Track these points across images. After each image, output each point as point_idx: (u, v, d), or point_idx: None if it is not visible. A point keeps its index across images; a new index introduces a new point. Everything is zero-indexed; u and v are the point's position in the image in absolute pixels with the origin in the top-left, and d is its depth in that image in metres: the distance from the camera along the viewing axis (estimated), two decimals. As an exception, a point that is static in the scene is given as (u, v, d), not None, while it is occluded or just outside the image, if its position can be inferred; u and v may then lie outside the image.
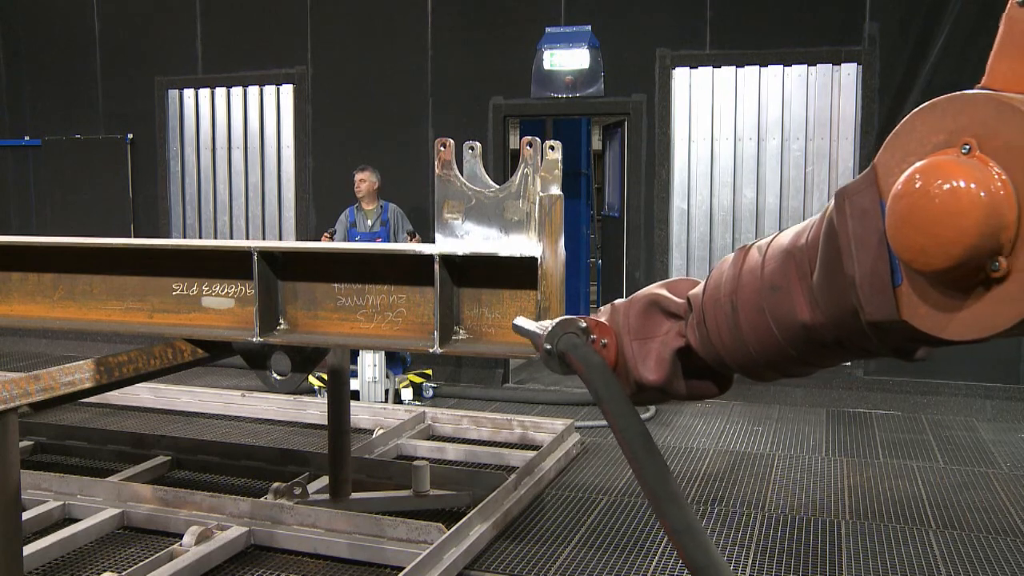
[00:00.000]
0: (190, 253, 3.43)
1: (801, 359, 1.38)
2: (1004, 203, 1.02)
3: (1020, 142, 1.02)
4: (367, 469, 4.81)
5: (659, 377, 1.49)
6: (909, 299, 1.16)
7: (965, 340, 1.12)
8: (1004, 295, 1.04)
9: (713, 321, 1.44)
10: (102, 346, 8.30)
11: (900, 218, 1.09)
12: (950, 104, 1.10)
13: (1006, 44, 1.13)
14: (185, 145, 8.89)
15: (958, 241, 1.03)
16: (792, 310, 1.32)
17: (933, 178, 1.06)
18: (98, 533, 4.12)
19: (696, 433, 6.12)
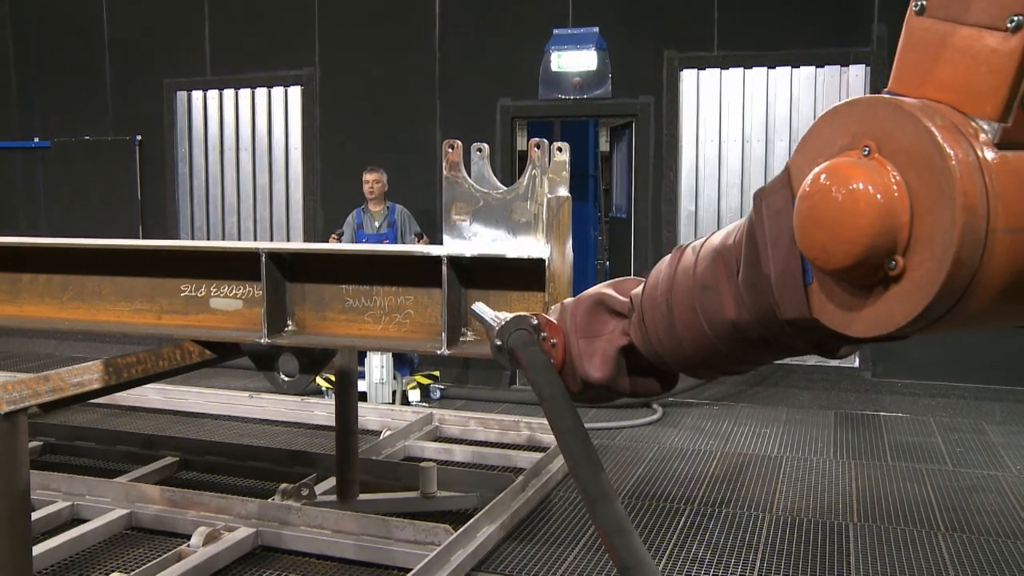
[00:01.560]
0: (198, 255, 3.44)
1: (733, 356, 1.40)
2: (899, 204, 1.05)
3: (913, 146, 1.05)
4: (374, 470, 4.81)
5: (604, 375, 1.51)
6: (818, 297, 1.19)
7: (868, 337, 1.14)
8: (901, 293, 1.07)
9: (651, 320, 1.46)
10: (111, 347, 8.32)
11: (804, 218, 1.12)
12: (854, 108, 1.13)
13: (906, 50, 1.16)
14: (193, 147, 8.92)
15: (856, 240, 1.06)
16: (721, 308, 1.34)
17: (833, 179, 1.09)
18: (106, 533, 4.13)
19: (703, 435, 6.10)
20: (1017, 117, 1.05)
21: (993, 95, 1.06)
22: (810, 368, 7.32)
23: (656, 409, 6.68)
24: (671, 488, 4.95)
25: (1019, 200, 1.03)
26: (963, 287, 1.03)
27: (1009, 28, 1.04)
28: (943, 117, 1.06)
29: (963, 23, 1.10)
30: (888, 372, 7.11)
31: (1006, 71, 1.05)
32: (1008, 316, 1.14)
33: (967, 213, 1.00)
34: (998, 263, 1.02)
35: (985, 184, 1.02)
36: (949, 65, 1.10)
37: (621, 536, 1.31)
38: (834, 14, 6.97)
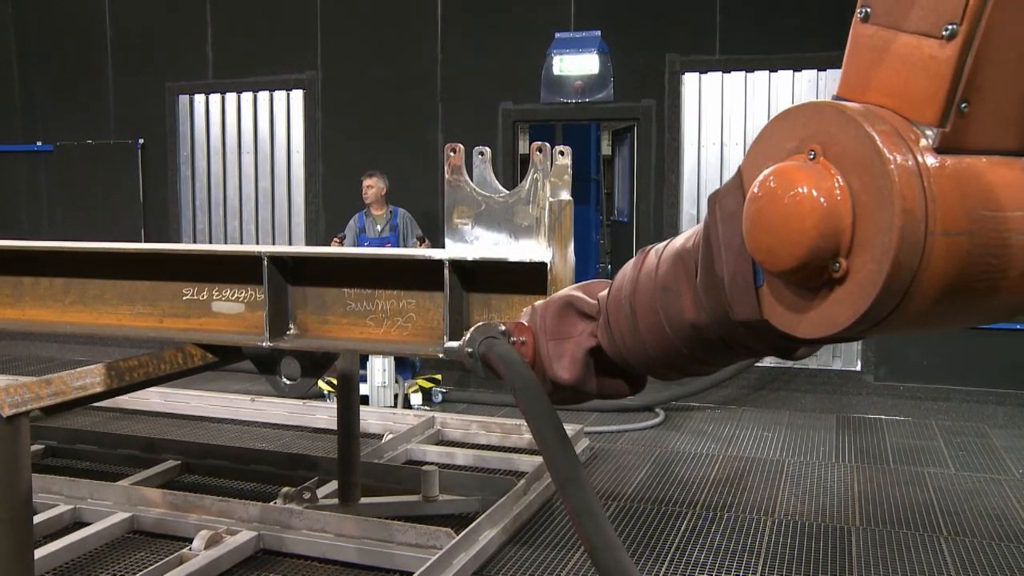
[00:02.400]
0: (200, 258, 3.44)
1: (694, 358, 1.42)
2: (841, 207, 1.07)
3: (855, 150, 1.07)
4: (376, 474, 4.81)
5: (572, 376, 1.53)
6: (769, 299, 1.21)
7: (815, 338, 1.16)
8: (844, 295, 1.09)
9: (616, 322, 1.48)
10: (113, 350, 8.33)
11: (751, 221, 1.14)
12: (801, 112, 1.15)
13: (852, 56, 1.17)
14: (196, 150, 8.93)
15: (800, 243, 1.08)
16: (681, 310, 1.36)
17: (779, 183, 1.11)
18: (108, 537, 4.13)
19: (705, 439, 6.10)
20: (955, 122, 1.06)
21: (932, 101, 1.07)
22: (812, 372, 7.31)
23: (658, 413, 6.67)
24: (673, 492, 4.95)
25: (957, 204, 1.05)
26: (904, 289, 1.04)
27: (944, 36, 1.06)
28: (885, 122, 1.08)
29: (904, 30, 1.12)
30: (890, 376, 7.10)
31: (943, 78, 1.06)
32: (951, 318, 1.15)
33: (905, 216, 1.01)
34: (937, 265, 1.04)
35: (924, 188, 1.03)
36: (891, 71, 1.12)
37: (590, 519, 1.33)
38: (836, 17, 6.96)
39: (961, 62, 1.05)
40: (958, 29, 1.05)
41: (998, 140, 1.09)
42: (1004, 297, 1.12)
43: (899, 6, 1.13)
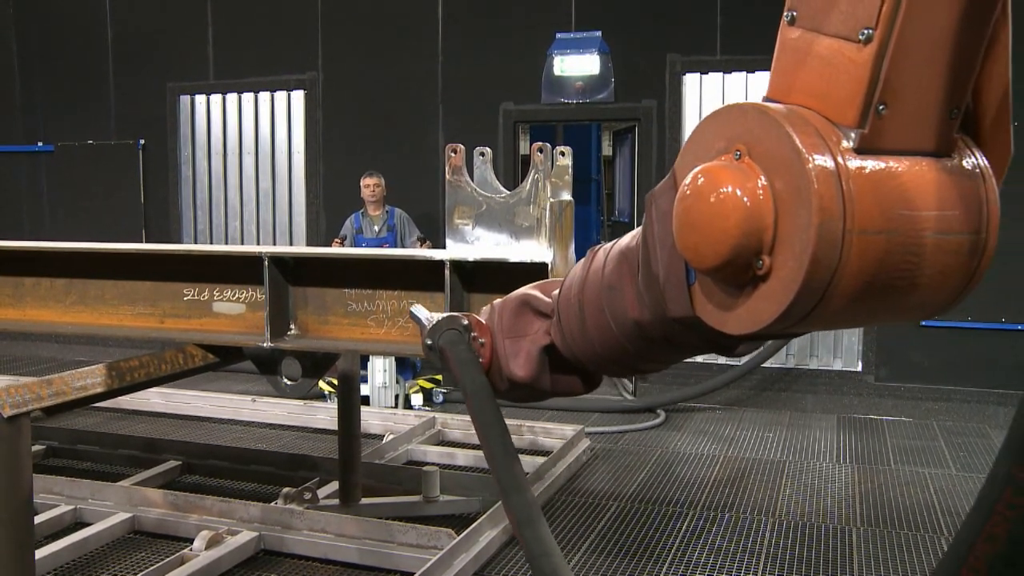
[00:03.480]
0: (201, 258, 3.44)
1: (640, 355, 1.45)
2: (764, 206, 1.10)
3: (777, 150, 1.10)
4: (377, 474, 4.81)
5: (527, 374, 1.56)
6: (700, 296, 1.25)
7: (743, 334, 1.19)
8: (768, 292, 1.12)
9: (566, 320, 1.50)
10: (113, 351, 8.33)
11: (679, 219, 1.18)
12: (728, 113, 1.18)
13: (779, 58, 1.21)
14: (197, 150, 8.93)
15: (723, 241, 1.11)
16: (625, 308, 1.39)
17: (705, 183, 1.15)
18: (109, 537, 4.13)
19: (706, 439, 6.10)
20: (874, 124, 1.09)
21: (851, 103, 1.10)
22: (813, 372, 7.31)
23: (659, 413, 6.67)
24: (674, 492, 4.95)
25: (874, 203, 1.08)
26: (824, 285, 1.07)
27: (861, 40, 1.09)
28: (807, 123, 1.11)
29: (825, 34, 1.15)
30: (891, 376, 7.10)
31: (861, 80, 1.09)
32: (872, 314, 1.18)
33: (822, 214, 1.04)
34: (856, 263, 1.07)
35: (842, 187, 1.06)
36: (814, 73, 1.15)
37: (530, 527, 1.38)
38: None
39: (877, 65, 1.08)
40: (873, 34, 1.08)
41: (916, 141, 1.12)
42: (923, 294, 1.15)
43: (821, 10, 1.15)
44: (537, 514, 1.40)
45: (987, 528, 0.94)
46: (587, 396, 6.51)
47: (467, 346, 1.57)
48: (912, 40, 1.07)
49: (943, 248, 1.13)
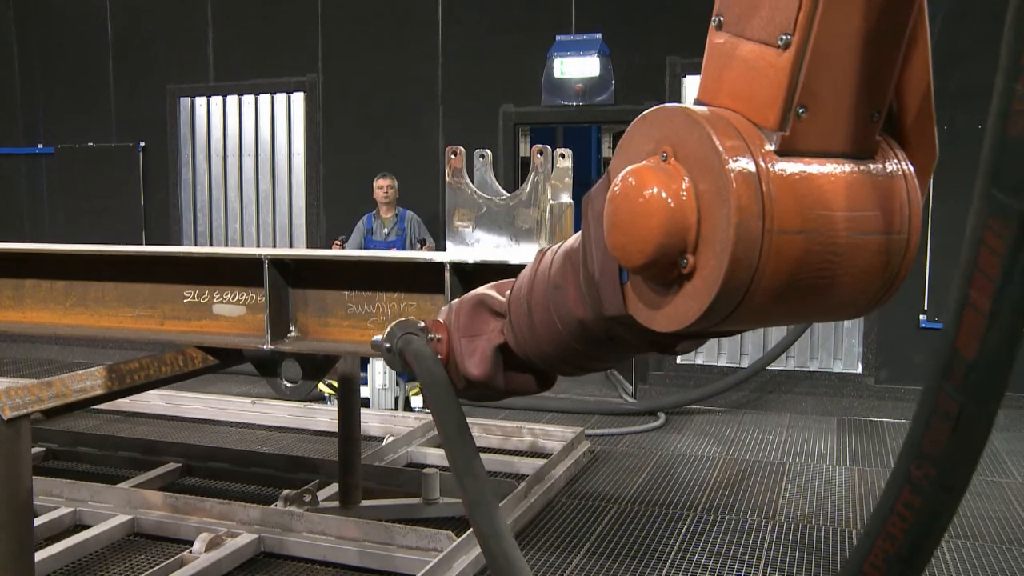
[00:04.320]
0: (201, 261, 3.44)
1: (586, 354, 1.48)
2: (687, 207, 1.13)
3: (700, 152, 1.13)
4: (377, 476, 4.81)
5: (482, 372, 1.59)
6: (631, 295, 1.28)
7: (670, 332, 1.22)
8: (692, 290, 1.15)
9: (516, 319, 1.54)
10: (113, 353, 8.33)
11: (609, 220, 1.21)
12: (656, 116, 1.22)
13: (707, 62, 1.25)
14: (196, 152, 8.93)
15: (648, 240, 1.15)
16: (570, 307, 1.42)
17: (631, 184, 1.18)
18: (109, 540, 4.13)
19: (706, 441, 6.10)
20: (794, 126, 1.12)
21: (772, 106, 1.14)
22: (813, 374, 7.31)
23: (659, 415, 6.67)
24: (674, 494, 4.95)
25: (793, 203, 1.11)
26: (745, 284, 1.10)
27: (780, 45, 1.13)
28: (729, 125, 1.14)
29: (748, 38, 1.19)
30: (891, 378, 7.10)
31: (781, 84, 1.13)
32: (796, 313, 1.22)
33: (740, 214, 1.08)
34: (776, 262, 1.10)
35: (761, 188, 1.09)
36: (739, 77, 1.19)
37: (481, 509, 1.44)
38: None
39: (796, 70, 1.12)
40: (791, 39, 1.11)
41: (837, 143, 1.15)
42: (845, 293, 1.18)
43: (744, 15, 1.20)
44: (489, 498, 1.45)
45: (887, 527, 0.96)
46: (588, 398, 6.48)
47: (424, 344, 1.60)
48: (829, 45, 1.10)
49: (864, 248, 1.15)
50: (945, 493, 0.93)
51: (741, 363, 7.53)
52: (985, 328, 0.86)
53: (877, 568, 0.98)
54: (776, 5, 1.14)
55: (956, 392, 0.89)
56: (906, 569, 0.97)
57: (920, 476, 0.93)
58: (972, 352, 0.87)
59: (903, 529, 0.95)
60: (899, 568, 0.97)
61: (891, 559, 0.97)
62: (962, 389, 0.89)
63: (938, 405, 0.91)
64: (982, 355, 0.87)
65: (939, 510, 0.94)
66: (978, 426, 0.90)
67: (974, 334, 0.87)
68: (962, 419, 0.89)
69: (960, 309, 0.87)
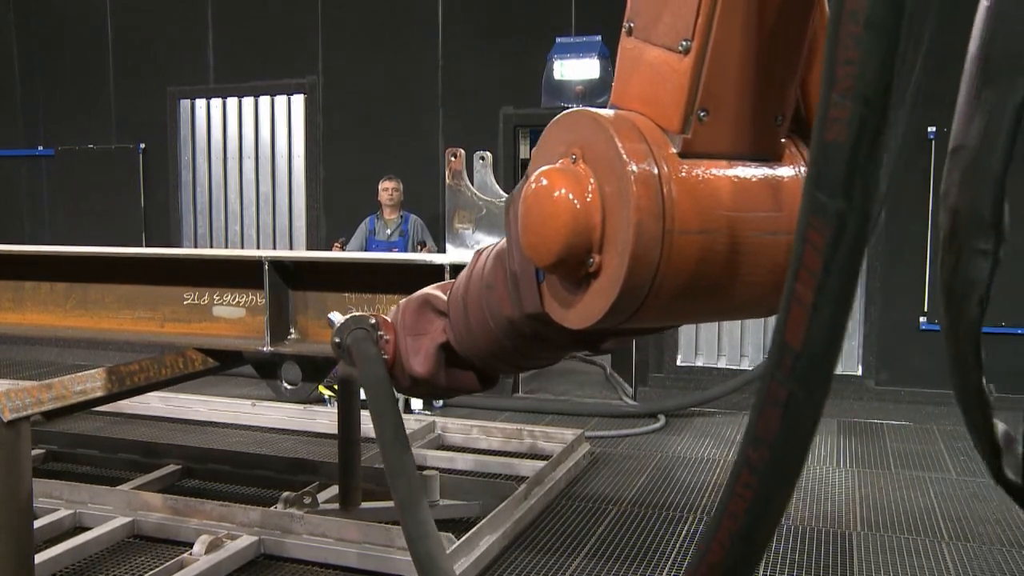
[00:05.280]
0: (201, 263, 3.44)
1: (518, 351, 1.52)
2: (593, 207, 1.17)
3: (604, 154, 1.17)
4: (377, 478, 4.80)
5: (425, 370, 1.62)
6: (547, 293, 1.32)
7: (581, 328, 1.26)
8: (599, 288, 1.19)
9: (455, 318, 1.58)
10: (113, 355, 8.33)
11: (522, 220, 1.25)
12: (567, 119, 1.26)
13: (619, 67, 1.29)
14: (197, 155, 8.94)
15: (555, 240, 1.19)
16: (500, 306, 1.46)
17: (541, 186, 1.22)
18: (109, 542, 4.13)
19: (706, 443, 6.09)
20: (696, 129, 1.16)
21: (675, 109, 1.18)
22: (813, 376, 7.30)
23: (659, 417, 6.67)
24: (674, 496, 4.94)
25: (694, 204, 1.15)
26: (648, 282, 1.14)
27: (681, 51, 1.17)
28: (634, 128, 1.18)
29: (654, 44, 1.22)
30: (891, 380, 7.09)
31: (682, 88, 1.16)
32: (702, 310, 1.25)
33: (640, 214, 1.11)
34: (678, 260, 1.14)
35: (662, 189, 1.13)
36: (646, 81, 1.23)
37: (411, 510, 1.49)
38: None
39: (696, 74, 1.15)
40: (691, 45, 1.15)
41: (740, 146, 1.19)
42: (752, 292, 1.21)
43: (650, 22, 1.23)
44: (419, 499, 1.50)
45: (730, 506, 1.01)
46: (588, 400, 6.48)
47: (372, 343, 1.63)
48: (727, 50, 1.13)
49: (769, 247, 1.18)
50: (779, 475, 0.98)
51: (741, 365, 7.53)
52: (809, 320, 0.91)
53: (723, 546, 1.03)
54: (677, 12, 1.17)
55: (785, 380, 0.94)
56: (746, 546, 1.02)
57: (756, 458, 0.98)
58: (798, 342, 0.92)
59: (744, 508, 1.00)
60: (740, 546, 1.02)
61: (734, 536, 1.02)
62: (790, 377, 0.94)
63: (770, 392, 0.96)
64: (807, 345, 0.92)
65: (774, 490, 0.99)
66: (805, 412, 0.95)
67: (799, 325, 0.92)
68: (790, 405, 0.94)
69: (788, 303, 0.93)
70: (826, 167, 0.89)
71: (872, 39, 0.86)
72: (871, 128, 0.87)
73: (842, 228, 0.89)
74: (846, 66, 0.86)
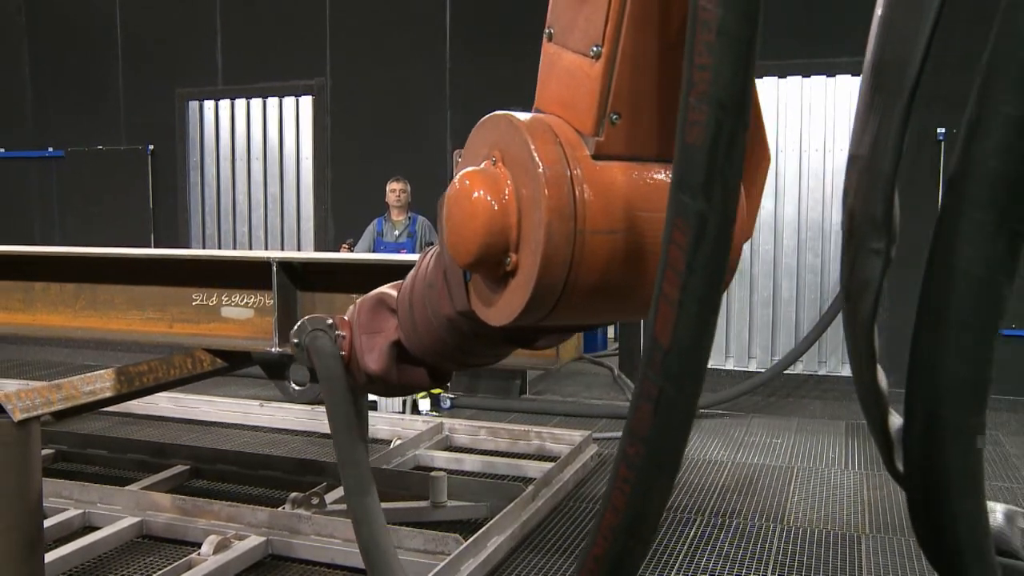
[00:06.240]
0: (210, 264, 3.45)
1: (460, 348, 1.55)
2: (509, 208, 1.21)
3: (520, 156, 1.20)
4: (385, 480, 4.81)
5: (379, 368, 1.66)
6: (473, 291, 1.36)
7: (501, 325, 1.29)
8: (516, 286, 1.22)
9: (402, 316, 1.62)
10: (122, 355, 8.36)
11: (445, 221, 1.29)
12: (489, 122, 1.31)
13: (541, 72, 1.32)
14: (205, 156, 8.96)
15: (473, 240, 1.22)
16: (439, 304, 1.49)
17: (461, 187, 1.26)
18: (118, 541, 4.14)
19: (714, 445, 6.09)
20: (609, 132, 1.19)
21: (588, 113, 1.21)
22: (821, 378, 7.29)
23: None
24: (681, 498, 4.94)
25: (605, 205, 1.18)
26: (561, 280, 1.17)
27: (592, 56, 1.20)
28: (549, 131, 1.21)
29: (570, 49, 1.25)
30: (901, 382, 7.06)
31: (594, 92, 1.20)
32: (619, 308, 1.28)
33: (551, 214, 1.15)
34: (591, 259, 1.17)
35: (573, 190, 1.16)
36: (563, 85, 1.26)
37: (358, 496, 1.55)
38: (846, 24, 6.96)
39: (607, 78, 1.18)
40: (601, 50, 1.18)
41: (648, 148, 1.22)
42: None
43: (567, 28, 1.26)
44: (366, 487, 1.57)
45: (611, 499, 1.04)
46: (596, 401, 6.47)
47: (329, 340, 1.68)
48: (637, 55, 1.16)
49: None
50: (655, 468, 1.01)
51: (749, 367, 7.51)
52: (676, 318, 0.94)
53: (607, 538, 1.05)
54: (590, 17, 1.20)
55: (656, 377, 0.97)
56: (629, 538, 1.05)
57: (632, 453, 1.01)
58: (667, 340, 0.95)
59: (624, 502, 1.03)
60: (623, 538, 1.05)
61: (616, 529, 1.04)
62: (660, 374, 0.96)
63: (643, 389, 0.98)
64: (674, 342, 0.95)
65: (651, 484, 1.02)
66: (677, 406, 0.98)
67: (668, 323, 0.95)
68: (662, 401, 0.97)
69: (657, 301, 0.96)
70: (687, 169, 0.92)
71: (724, 46, 0.90)
72: (727, 131, 0.90)
73: (703, 228, 0.92)
74: (701, 71, 0.90)
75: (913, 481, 1.10)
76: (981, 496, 1.07)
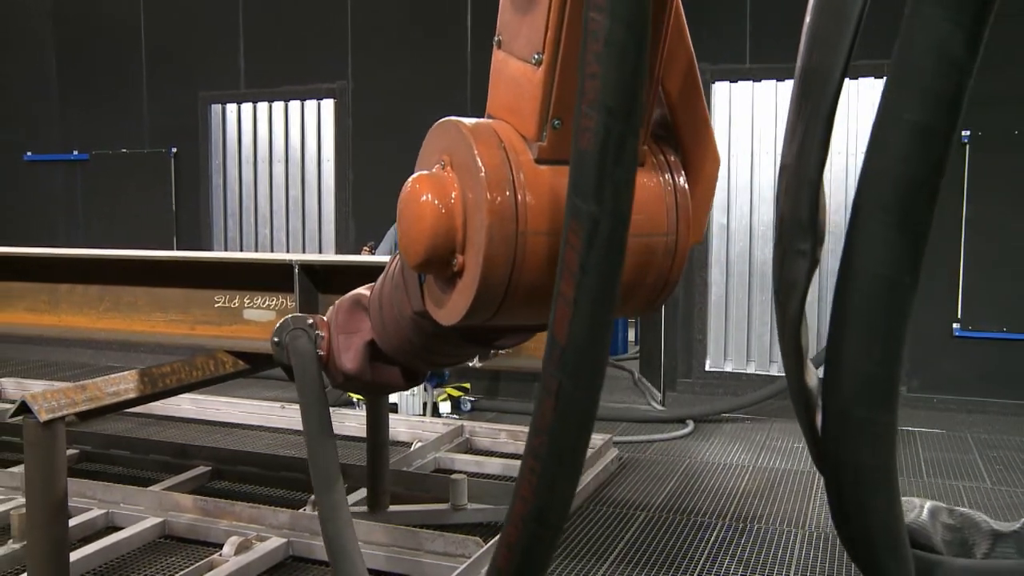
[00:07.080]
0: (232, 266, 3.48)
1: (426, 347, 1.58)
2: (455, 210, 1.25)
3: (465, 160, 1.24)
4: (405, 482, 4.82)
5: (354, 367, 1.70)
6: (427, 292, 1.39)
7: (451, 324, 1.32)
8: (462, 286, 1.26)
9: (374, 316, 1.65)
10: (145, 357, 8.43)
11: (398, 223, 1.32)
12: (440, 127, 1.34)
13: (491, 78, 1.36)
14: (227, 159, 9.02)
15: (420, 241, 1.26)
16: (405, 304, 1.52)
17: (412, 190, 1.30)
18: (140, 541, 4.17)
19: (735, 449, 6.05)
20: (551, 137, 1.22)
21: (532, 118, 1.24)
22: (844, 382, 7.22)
23: (687, 423, 6.63)
24: (702, 502, 4.91)
25: (547, 207, 1.22)
26: (505, 279, 1.21)
27: (534, 63, 1.23)
28: (494, 136, 1.25)
29: (515, 56, 1.29)
30: (923, 387, 7.00)
31: (536, 98, 1.23)
32: None
33: (492, 216, 1.18)
34: (532, 259, 1.21)
35: (516, 194, 1.20)
36: (509, 91, 1.30)
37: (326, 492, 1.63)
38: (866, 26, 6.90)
39: (548, 85, 1.21)
40: (542, 57, 1.22)
41: None
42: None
43: (513, 36, 1.31)
44: (333, 483, 1.65)
45: (521, 489, 1.08)
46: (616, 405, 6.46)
47: (309, 341, 1.73)
48: (575, 62, 1.18)
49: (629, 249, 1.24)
50: (558, 459, 1.04)
51: (770, 371, 7.47)
52: (571, 315, 0.98)
53: (517, 527, 1.09)
54: (532, 26, 1.24)
55: (555, 372, 1.01)
56: (537, 526, 1.08)
57: (537, 444, 1.04)
58: (563, 336, 0.99)
59: (532, 491, 1.06)
60: (532, 526, 1.08)
61: (526, 518, 1.08)
62: (559, 369, 1.00)
63: (545, 384, 1.02)
64: (570, 339, 0.98)
65: (556, 474, 1.05)
66: (575, 400, 1.01)
67: (564, 321, 0.98)
68: (561, 395, 1.01)
69: (555, 300, 0.99)
70: (579, 174, 0.95)
71: (611, 55, 0.92)
72: (616, 136, 0.93)
73: (595, 230, 0.94)
74: (591, 80, 0.92)
75: (828, 477, 1.12)
76: (894, 491, 1.09)
